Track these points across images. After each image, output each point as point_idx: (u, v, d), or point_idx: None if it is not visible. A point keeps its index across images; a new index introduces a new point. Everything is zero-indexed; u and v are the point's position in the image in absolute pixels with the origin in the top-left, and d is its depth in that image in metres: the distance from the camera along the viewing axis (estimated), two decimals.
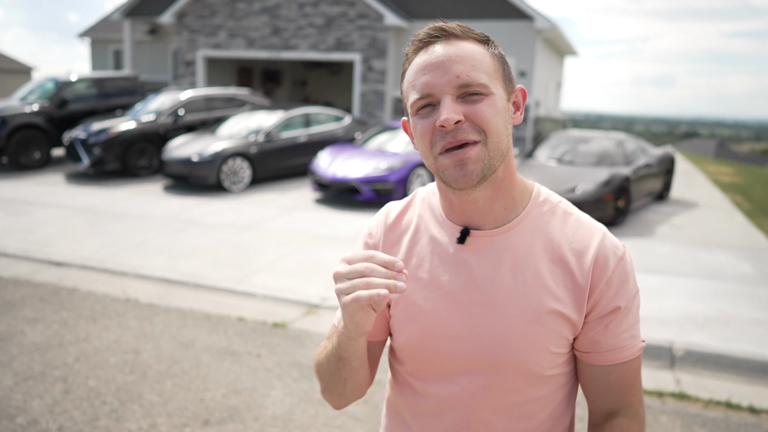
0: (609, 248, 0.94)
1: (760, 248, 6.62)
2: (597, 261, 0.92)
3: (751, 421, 3.21)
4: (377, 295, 0.78)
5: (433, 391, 1.00)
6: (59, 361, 3.60)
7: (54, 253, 5.83)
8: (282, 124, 9.98)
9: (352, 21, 13.78)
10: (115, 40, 19.34)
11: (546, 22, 12.77)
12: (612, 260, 0.93)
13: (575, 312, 0.92)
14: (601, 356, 0.94)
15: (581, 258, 0.93)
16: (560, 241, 0.94)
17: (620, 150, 8.29)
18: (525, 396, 0.95)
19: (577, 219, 0.97)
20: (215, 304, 4.69)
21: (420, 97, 0.90)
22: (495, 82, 0.91)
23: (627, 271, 0.94)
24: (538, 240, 0.95)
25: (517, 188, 0.98)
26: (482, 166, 0.89)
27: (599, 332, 0.93)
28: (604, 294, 0.92)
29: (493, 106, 0.89)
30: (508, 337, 0.92)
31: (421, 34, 0.93)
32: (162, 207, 7.96)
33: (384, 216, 1.09)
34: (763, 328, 4.33)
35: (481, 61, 0.90)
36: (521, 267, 0.93)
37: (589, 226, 0.96)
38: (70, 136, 10.02)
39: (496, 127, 0.89)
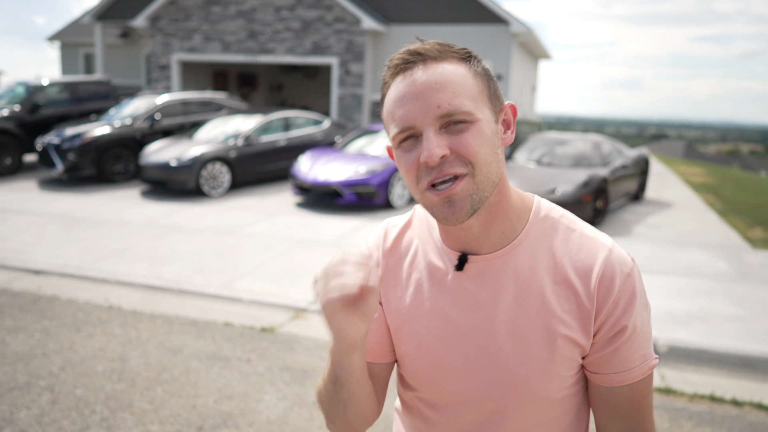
0: (615, 265, 0.88)
1: (734, 246, 6.80)
2: (602, 280, 0.87)
3: (734, 414, 3.30)
4: (347, 292, 0.78)
5: (444, 417, 0.97)
6: (44, 370, 3.52)
7: (31, 260, 5.70)
8: (261, 128, 9.92)
9: (329, 25, 13.78)
10: (86, 44, 19.00)
11: (521, 26, 12.95)
12: (618, 278, 0.87)
13: (582, 335, 0.88)
14: (609, 378, 0.90)
15: (586, 278, 0.87)
16: (563, 260, 0.89)
17: (597, 151, 8.45)
18: (535, 420, 0.93)
19: (580, 234, 0.91)
20: (201, 310, 4.63)
21: (400, 130, 0.84)
22: (480, 106, 0.84)
23: (635, 288, 0.88)
24: (541, 260, 0.90)
25: (513, 210, 0.92)
26: (471, 201, 0.84)
27: (607, 354, 0.89)
28: (611, 314, 0.87)
29: (480, 134, 0.83)
30: (514, 365, 0.89)
31: (396, 58, 0.86)
32: (141, 213, 7.84)
33: (383, 238, 1.03)
34: (741, 323, 4.45)
35: (463, 85, 0.83)
36: (524, 291, 0.89)
37: (594, 242, 0.90)
38: (42, 142, 9.80)
39: (485, 158, 0.83)
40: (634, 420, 0.93)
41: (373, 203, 8.20)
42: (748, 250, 6.62)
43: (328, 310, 0.81)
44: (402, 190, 8.51)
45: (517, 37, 13.41)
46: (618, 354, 0.88)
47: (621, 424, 0.93)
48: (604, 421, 0.95)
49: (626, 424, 0.93)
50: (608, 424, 0.95)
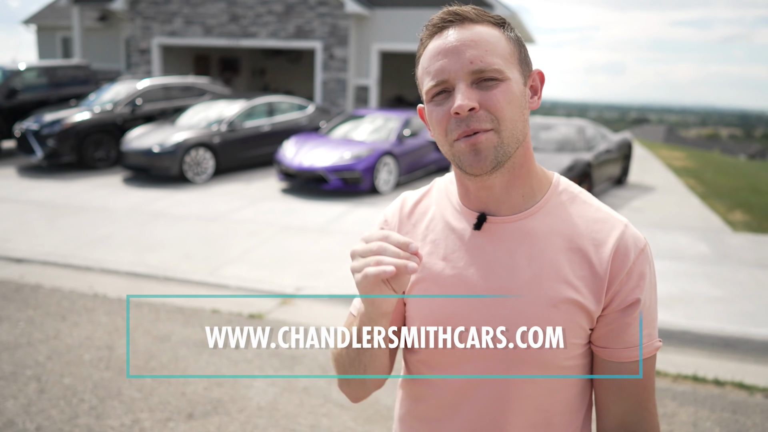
0: (630, 240, 0.91)
1: (715, 229, 6.91)
2: (617, 251, 0.90)
3: (716, 393, 3.38)
4: (383, 272, 0.80)
5: (447, 381, 0.98)
6: (30, 360, 3.48)
7: (13, 249, 5.61)
8: (245, 114, 9.82)
9: (312, 8, 13.62)
10: (63, 27, 18.58)
11: (505, 10, 12.91)
12: (633, 251, 0.90)
13: (593, 302, 0.90)
14: (618, 353, 0.91)
15: (600, 248, 0.90)
16: (579, 230, 0.92)
17: (581, 136, 8.50)
18: (540, 387, 0.93)
19: (597, 209, 0.95)
20: (187, 297, 4.61)
21: (435, 83, 0.88)
22: (510, 67, 0.89)
23: (648, 265, 0.92)
24: (557, 228, 0.93)
25: (535, 176, 0.96)
26: (495, 152, 0.87)
27: (618, 327, 0.90)
28: (624, 285, 0.89)
29: (508, 92, 0.87)
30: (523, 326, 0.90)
31: (435, 18, 0.91)
32: (124, 199, 7.75)
33: (400, 204, 1.07)
34: (722, 304, 4.54)
35: (496, 45, 0.88)
36: (538, 254, 0.92)
37: (611, 216, 0.94)
38: (21, 128, 9.61)
39: (511, 115, 0.87)
40: (638, 400, 0.94)
41: (359, 189, 8.19)
42: (729, 233, 6.74)
43: (363, 284, 0.83)
44: (387, 175, 8.50)
45: None
46: (629, 328, 0.90)
47: (625, 404, 0.94)
48: (608, 400, 0.95)
49: (630, 404, 0.94)
50: (612, 404, 0.95)
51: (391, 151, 8.50)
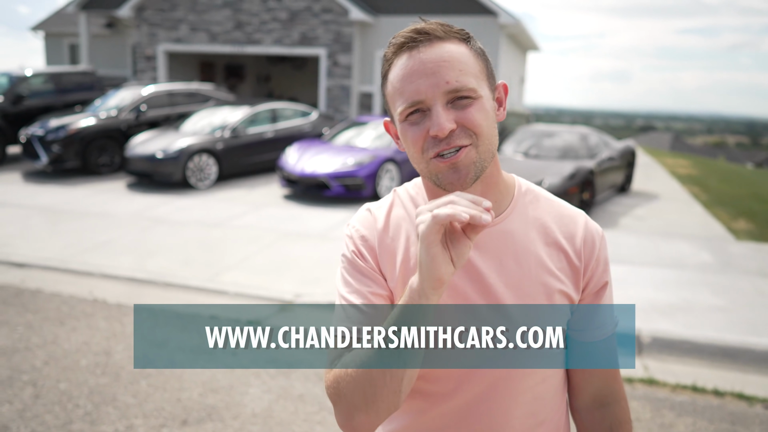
0: (593, 229, 1.01)
1: (718, 237, 6.87)
2: (586, 241, 0.99)
3: (716, 404, 3.34)
4: (456, 214, 0.75)
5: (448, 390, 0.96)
6: (27, 365, 3.49)
7: (14, 254, 5.64)
8: (248, 120, 9.86)
9: (316, 15, 13.68)
10: (71, 34, 18.73)
11: (509, 18, 12.93)
12: (597, 239, 1.00)
13: (574, 290, 0.97)
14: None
15: (572, 239, 0.99)
16: (551, 226, 0.99)
17: (584, 143, 8.48)
18: (537, 377, 0.99)
19: (560, 204, 1.04)
20: (185, 304, 4.61)
21: (409, 105, 0.89)
22: (481, 83, 0.91)
23: (607, 250, 1.03)
24: (531, 226, 0.98)
25: (502, 181, 1.00)
26: (474, 168, 0.90)
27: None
28: (595, 271, 0.99)
29: (482, 109, 0.90)
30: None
31: (402, 36, 0.90)
32: (126, 205, 7.78)
33: (372, 217, 1.02)
34: (723, 314, 4.51)
35: (467, 64, 0.89)
36: (522, 253, 0.96)
37: (572, 210, 1.03)
38: (26, 133, 9.67)
39: (487, 130, 0.90)
40: (608, 374, 1.05)
41: (361, 195, 8.19)
42: (732, 242, 6.69)
43: (429, 234, 0.77)
44: (389, 182, 8.50)
45: (506, 29, 13.40)
46: (600, 309, 1.00)
47: (597, 380, 1.04)
48: (582, 379, 1.05)
49: (602, 379, 1.04)
50: (586, 382, 1.05)
51: (393, 158, 8.51)
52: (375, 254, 0.98)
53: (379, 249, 0.98)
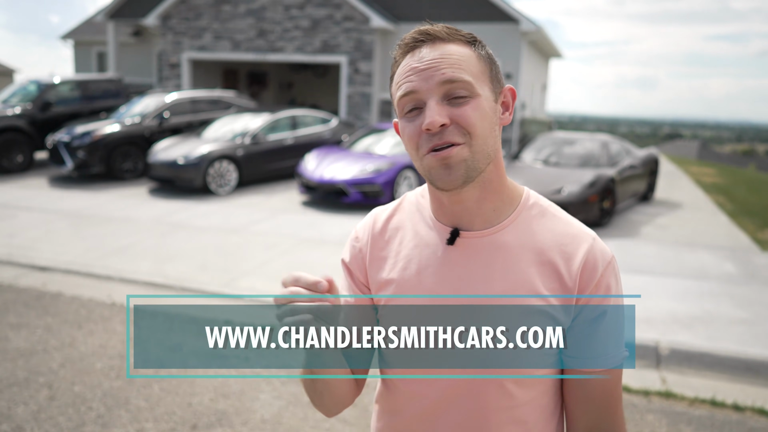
0: (598, 253, 0.93)
1: (742, 248, 6.71)
2: (586, 264, 0.92)
3: (735, 419, 3.25)
4: (300, 320, 0.81)
5: (426, 395, 0.98)
6: (44, 367, 3.55)
7: (37, 257, 5.76)
8: (268, 127, 9.95)
9: (338, 23, 13.77)
10: (99, 42, 19.15)
11: (531, 25, 12.86)
12: (601, 265, 0.93)
13: (563, 314, 0.91)
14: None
15: (570, 261, 0.92)
16: (549, 243, 0.94)
17: (605, 151, 8.37)
18: (515, 400, 0.94)
19: (567, 222, 0.97)
20: (202, 308, 4.65)
21: (403, 93, 0.90)
22: (481, 84, 0.90)
23: (615, 278, 0.94)
24: (528, 242, 0.94)
25: (507, 190, 0.97)
26: (465, 167, 0.89)
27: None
28: (592, 297, 0.92)
29: (479, 108, 0.89)
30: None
31: (407, 37, 0.93)
32: (147, 210, 7.89)
33: (372, 220, 1.07)
34: (745, 326, 4.39)
35: (467, 62, 0.89)
36: (511, 267, 0.93)
37: (579, 231, 0.96)
38: (53, 139, 9.90)
39: (482, 130, 0.89)
40: (606, 409, 0.96)
41: (379, 202, 8.19)
42: (757, 252, 6.53)
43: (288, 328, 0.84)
44: (408, 189, 8.49)
45: (527, 36, 13.33)
46: (596, 338, 0.92)
47: (594, 413, 0.96)
48: (577, 409, 0.98)
49: (599, 413, 0.96)
50: (581, 413, 0.97)
51: (411, 165, 8.50)
52: (364, 256, 1.04)
53: (371, 249, 1.03)
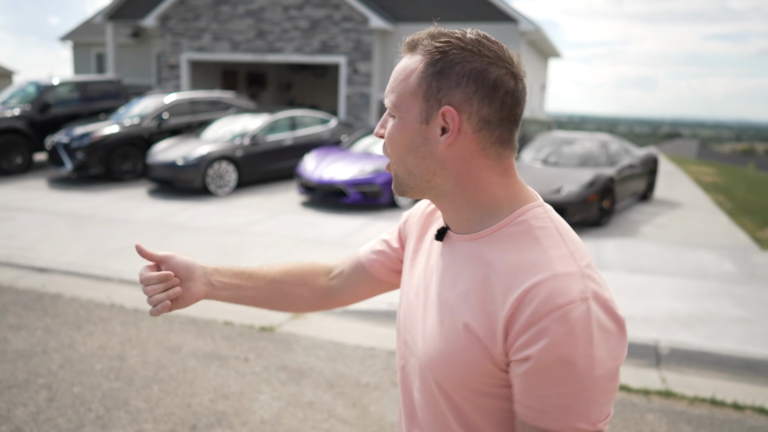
0: (545, 292, 0.78)
1: (742, 247, 6.71)
2: (521, 300, 0.79)
3: (735, 418, 3.25)
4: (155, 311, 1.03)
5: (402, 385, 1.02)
6: (43, 368, 3.55)
7: (37, 258, 5.75)
8: (267, 127, 9.94)
9: (337, 24, 13.77)
10: (98, 44, 19.15)
11: (530, 25, 12.87)
12: (539, 305, 0.78)
13: (490, 341, 0.82)
14: (521, 409, 0.82)
15: (509, 291, 0.81)
16: (506, 266, 0.84)
17: (604, 151, 8.37)
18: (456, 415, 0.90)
19: (542, 251, 0.83)
20: (201, 309, 4.64)
21: None
22: (412, 104, 0.87)
23: (564, 328, 0.76)
24: (489, 259, 0.87)
25: (484, 205, 0.90)
26: (394, 180, 0.94)
27: (516, 379, 0.81)
28: (518, 338, 0.79)
29: (398, 130, 0.89)
30: (430, 344, 0.90)
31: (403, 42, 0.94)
32: (147, 211, 7.89)
33: (424, 206, 1.12)
34: (745, 325, 4.39)
35: (405, 82, 0.88)
36: (463, 278, 0.89)
37: (546, 262, 0.82)
38: (52, 141, 9.89)
39: (396, 150, 0.90)
40: None
41: (378, 202, 8.19)
42: (757, 251, 6.53)
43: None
44: None
45: (526, 36, 13.33)
46: (526, 385, 0.80)
47: None
48: None
49: None
50: None
51: None
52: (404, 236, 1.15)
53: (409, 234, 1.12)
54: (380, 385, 3.49)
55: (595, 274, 0.83)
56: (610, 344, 0.79)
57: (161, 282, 1.04)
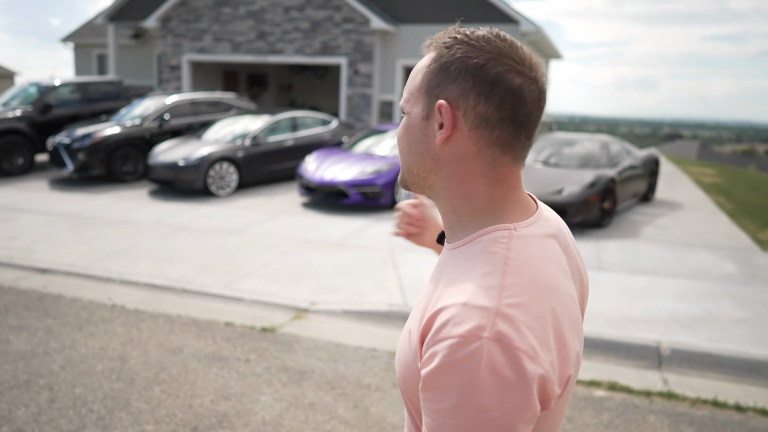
0: (446, 317, 0.75)
1: (743, 248, 6.71)
2: (432, 318, 0.77)
3: (737, 419, 3.25)
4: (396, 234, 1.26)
5: None
6: (44, 369, 3.55)
7: (38, 259, 5.75)
8: (269, 128, 9.95)
9: (338, 25, 13.78)
10: (99, 45, 19.17)
11: (531, 26, 12.87)
12: (438, 328, 0.75)
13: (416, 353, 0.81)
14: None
15: (432, 305, 0.80)
16: (444, 283, 0.82)
17: (605, 152, 8.37)
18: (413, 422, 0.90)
19: (472, 276, 0.79)
20: (203, 310, 4.65)
21: None
22: (418, 100, 0.87)
23: (445, 357, 0.72)
24: (444, 272, 0.85)
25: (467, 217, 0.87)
26: (400, 175, 0.95)
27: None
28: (422, 356, 0.77)
29: (405, 126, 0.90)
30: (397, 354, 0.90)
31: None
32: (148, 212, 7.89)
33: None
34: (746, 327, 4.39)
35: (414, 80, 0.89)
36: (427, 288, 0.88)
37: (467, 289, 0.77)
38: (53, 142, 9.90)
39: (402, 147, 0.91)
40: None
41: (379, 203, 8.19)
42: (758, 252, 6.52)
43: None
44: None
45: (527, 37, 13.33)
46: (422, 401, 0.77)
47: None
48: None
49: None
50: None
51: None
52: None
53: None
54: (381, 386, 3.48)
55: (524, 316, 0.74)
56: (504, 395, 0.70)
57: (406, 218, 1.22)
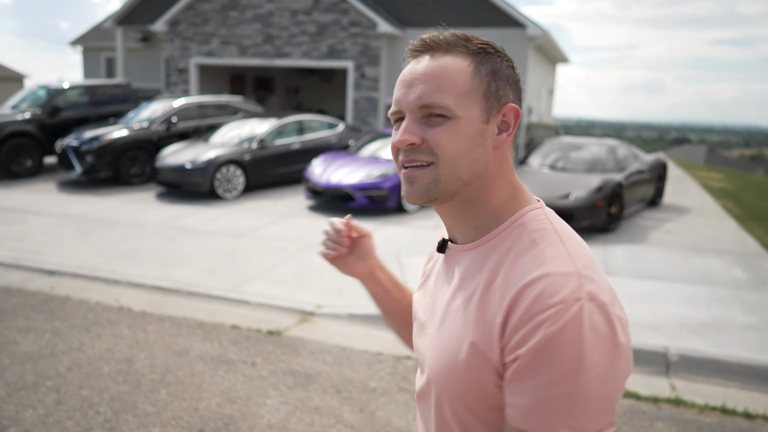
0: (537, 290, 0.76)
1: (752, 253, 6.66)
2: (516, 298, 0.77)
3: (746, 427, 3.22)
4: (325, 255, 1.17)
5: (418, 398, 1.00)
6: (52, 371, 3.56)
7: (46, 261, 5.78)
8: (275, 132, 9.97)
9: (344, 29, 13.81)
10: (108, 48, 19.29)
11: (538, 30, 12.86)
12: (531, 302, 0.75)
13: (488, 349, 0.80)
14: (508, 410, 0.79)
15: (506, 291, 0.80)
16: (504, 270, 0.83)
17: (612, 156, 8.34)
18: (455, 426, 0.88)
19: (539, 251, 0.81)
20: (209, 312, 4.66)
21: (392, 111, 0.90)
22: (467, 103, 0.84)
23: (548, 327, 0.73)
24: (490, 264, 0.86)
25: (495, 209, 0.90)
26: (428, 188, 0.86)
27: (507, 380, 0.78)
28: (512, 338, 0.76)
29: (455, 130, 0.84)
30: (436, 360, 0.88)
31: (411, 44, 0.90)
32: (155, 215, 7.92)
33: None
34: (755, 333, 4.35)
35: (454, 80, 0.84)
36: (463, 289, 0.88)
37: (541, 262, 0.79)
38: (62, 144, 9.96)
39: (453, 153, 0.84)
40: None
41: (385, 207, 8.19)
42: (766, 258, 6.48)
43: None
44: None
45: (534, 41, 13.32)
46: (515, 384, 0.77)
47: None
48: None
49: None
50: None
51: None
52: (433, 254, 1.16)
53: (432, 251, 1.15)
54: (387, 390, 3.48)
55: (597, 276, 0.79)
56: (604, 350, 0.74)
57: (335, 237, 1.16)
